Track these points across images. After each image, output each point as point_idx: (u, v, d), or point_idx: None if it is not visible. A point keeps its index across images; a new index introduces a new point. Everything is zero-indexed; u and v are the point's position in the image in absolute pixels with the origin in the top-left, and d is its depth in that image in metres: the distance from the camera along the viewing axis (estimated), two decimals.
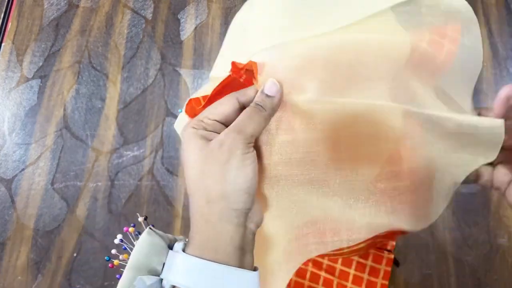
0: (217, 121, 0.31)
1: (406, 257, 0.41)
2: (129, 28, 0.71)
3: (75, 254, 0.60)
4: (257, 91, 0.31)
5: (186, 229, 0.57)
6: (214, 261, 0.28)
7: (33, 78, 0.70)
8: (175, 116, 0.65)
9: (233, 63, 0.32)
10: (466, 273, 0.43)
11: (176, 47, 0.69)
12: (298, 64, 0.32)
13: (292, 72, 0.32)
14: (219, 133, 0.30)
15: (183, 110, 0.35)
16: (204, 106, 0.34)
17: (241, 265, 0.29)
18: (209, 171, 0.29)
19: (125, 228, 0.46)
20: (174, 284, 0.28)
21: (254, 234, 0.31)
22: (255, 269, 0.30)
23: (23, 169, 0.65)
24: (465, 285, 0.53)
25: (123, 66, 0.69)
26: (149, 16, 0.72)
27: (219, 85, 0.33)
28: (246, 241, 0.29)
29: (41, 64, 0.71)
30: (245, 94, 0.32)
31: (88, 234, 0.61)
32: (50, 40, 0.72)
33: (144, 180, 0.62)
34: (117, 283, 0.64)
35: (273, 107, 0.31)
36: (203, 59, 0.68)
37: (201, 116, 0.31)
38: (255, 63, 0.32)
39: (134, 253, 0.30)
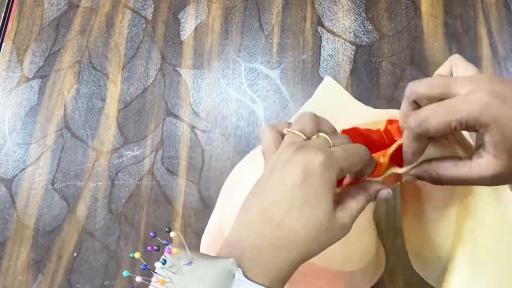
0: None
1: (406, 256, 0.41)
2: (130, 28, 0.71)
3: (75, 254, 0.60)
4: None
5: (186, 229, 0.57)
6: None
7: (33, 78, 0.70)
8: (175, 116, 0.65)
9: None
10: None
11: (176, 47, 0.69)
12: None
13: None
14: None
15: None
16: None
17: None
18: None
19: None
20: None
21: None
22: None
23: (23, 169, 0.65)
24: None
25: (124, 66, 0.69)
26: (149, 16, 0.72)
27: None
28: None
29: (41, 64, 0.71)
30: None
31: (88, 233, 0.61)
32: (51, 40, 0.72)
33: (144, 180, 0.62)
34: (118, 283, 0.64)
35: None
36: (203, 59, 0.68)
37: None
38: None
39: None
